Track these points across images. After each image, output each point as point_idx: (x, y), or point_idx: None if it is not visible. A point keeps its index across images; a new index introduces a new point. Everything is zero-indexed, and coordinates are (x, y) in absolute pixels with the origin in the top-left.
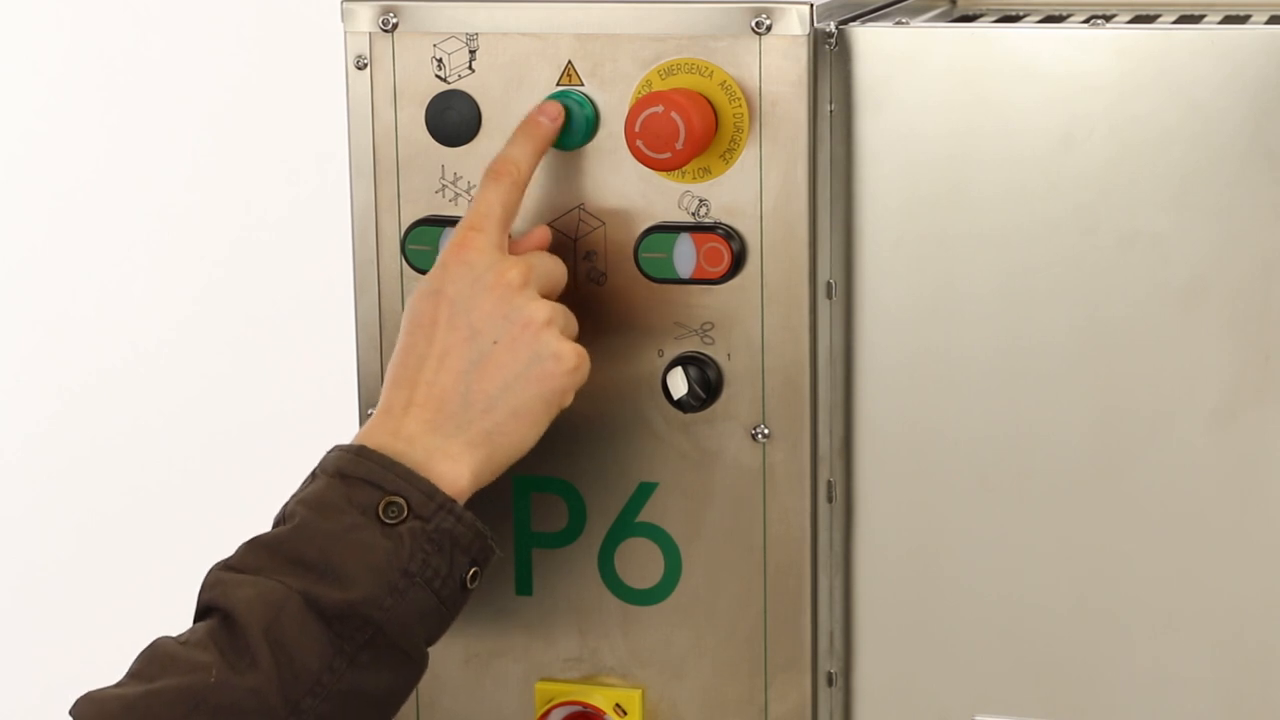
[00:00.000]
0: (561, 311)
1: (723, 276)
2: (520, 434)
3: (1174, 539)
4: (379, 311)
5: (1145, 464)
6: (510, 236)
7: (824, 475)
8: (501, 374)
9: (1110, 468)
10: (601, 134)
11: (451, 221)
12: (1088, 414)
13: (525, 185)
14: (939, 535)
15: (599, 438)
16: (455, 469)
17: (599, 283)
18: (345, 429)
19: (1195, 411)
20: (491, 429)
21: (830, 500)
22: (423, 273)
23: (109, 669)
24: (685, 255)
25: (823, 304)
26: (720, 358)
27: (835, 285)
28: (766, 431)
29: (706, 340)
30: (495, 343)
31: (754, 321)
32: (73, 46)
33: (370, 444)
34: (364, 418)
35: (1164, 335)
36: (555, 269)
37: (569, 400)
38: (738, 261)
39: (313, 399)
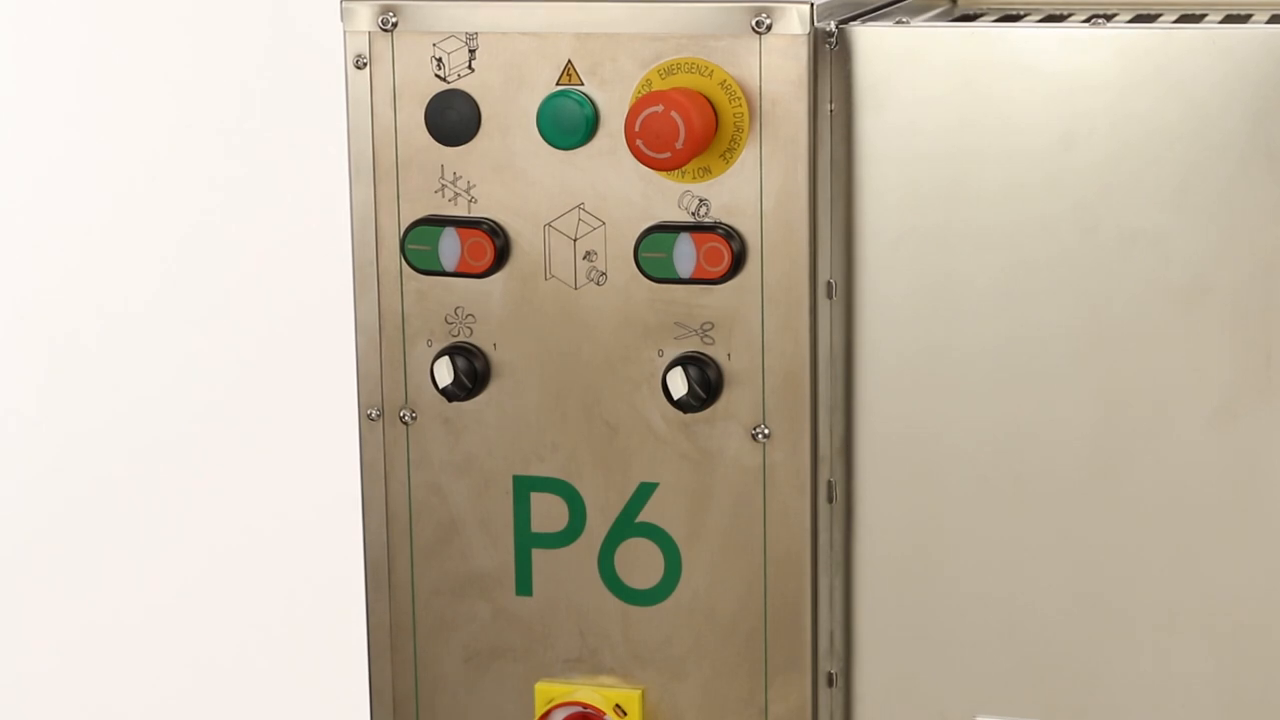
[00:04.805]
0: None
1: (723, 276)
2: None
3: (1174, 539)
4: (379, 311)
5: (1145, 463)
6: None
7: (824, 475)
8: None
9: (1110, 467)
10: (601, 134)
11: (451, 221)
12: (1088, 413)
13: None
14: (939, 535)
15: (599, 438)
16: None
17: (599, 283)
18: (345, 429)
19: (1195, 411)
20: None
21: (830, 500)
22: (423, 273)
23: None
24: (685, 255)
25: (823, 304)
26: (720, 358)
27: (835, 285)
28: (766, 431)
29: (706, 340)
30: None
31: (754, 321)
32: (72, 46)
33: None
34: (364, 418)
35: (1164, 334)
36: None
37: None
38: (738, 261)
39: (313, 399)
